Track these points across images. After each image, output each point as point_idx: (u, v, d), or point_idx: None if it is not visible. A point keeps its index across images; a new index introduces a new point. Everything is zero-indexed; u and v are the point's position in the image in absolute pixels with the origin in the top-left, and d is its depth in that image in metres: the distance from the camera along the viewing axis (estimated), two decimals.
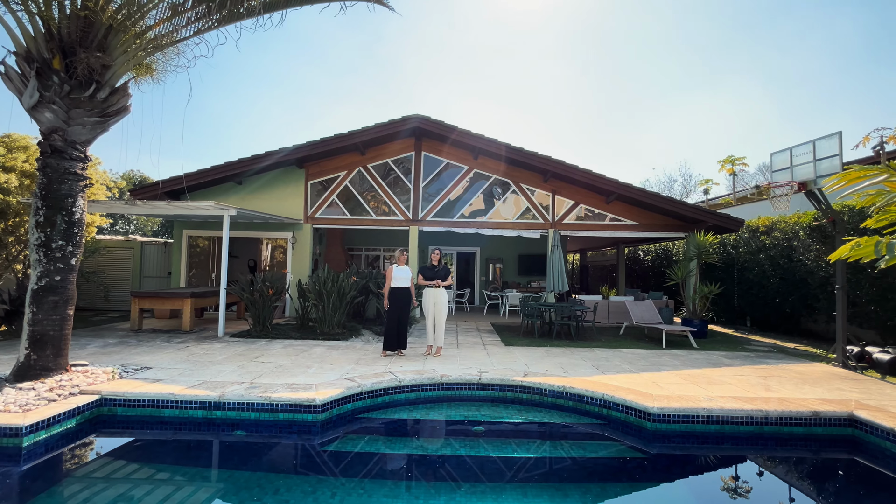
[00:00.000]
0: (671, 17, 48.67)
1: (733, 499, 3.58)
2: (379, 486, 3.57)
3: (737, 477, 3.87)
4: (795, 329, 10.19)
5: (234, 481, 3.52)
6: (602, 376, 5.53)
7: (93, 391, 4.33)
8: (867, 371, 6.29)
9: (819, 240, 8.83)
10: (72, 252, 4.74)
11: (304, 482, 3.55)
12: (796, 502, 3.50)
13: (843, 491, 3.62)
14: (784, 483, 3.82)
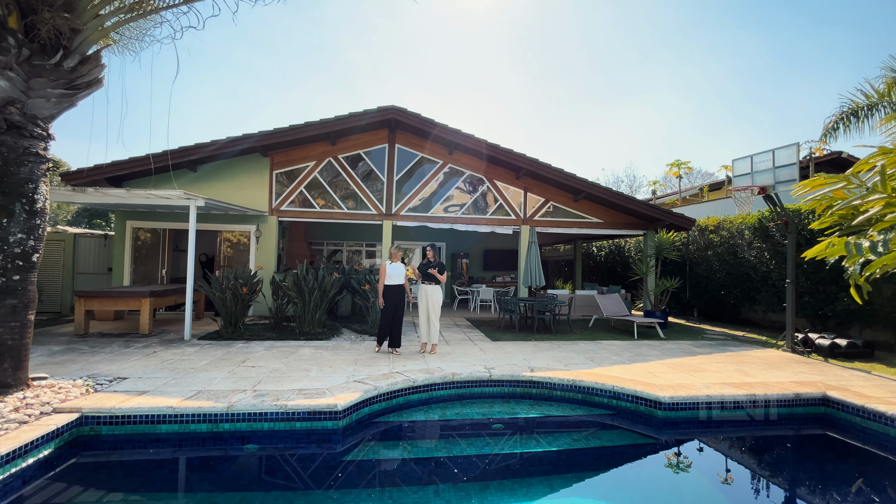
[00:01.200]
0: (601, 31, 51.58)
1: (738, 472, 3.91)
2: (407, 494, 3.45)
3: (737, 454, 4.23)
4: (736, 318, 11.33)
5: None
6: (600, 368, 5.77)
7: (69, 408, 3.74)
8: (812, 354, 7.15)
9: (762, 238, 9.87)
10: (33, 247, 4.03)
11: (326, 497, 3.30)
12: (786, 472, 3.90)
13: (822, 460, 4.10)
14: (776, 456, 4.24)
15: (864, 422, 4.38)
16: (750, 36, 46.15)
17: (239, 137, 9.51)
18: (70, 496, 3.13)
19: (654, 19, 49.06)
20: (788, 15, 43.13)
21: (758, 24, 45.49)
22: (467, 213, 11.34)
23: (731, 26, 46.93)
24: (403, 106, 10.00)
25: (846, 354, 6.94)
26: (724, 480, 3.79)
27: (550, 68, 58.19)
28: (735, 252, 10.65)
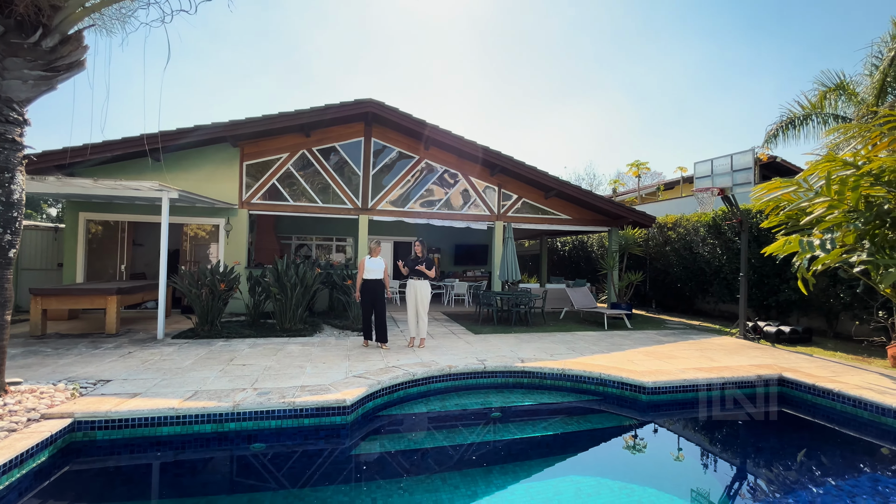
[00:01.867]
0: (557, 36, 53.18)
1: (713, 445, 4.36)
2: (416, 483, 3.57)
3: (712, 431, 4.70)
4: (691, 309, 12.28)
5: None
6: (584, 358, 6.13)
7: (60, 414, 3.51)
8: (761, 341, 7.94)
9: (715, 235, 10.75)
10: (10, 242, 3.72)
11: (337, 492, 3.34)
12: (753, 443, 4.39)
13: (781, 432, 4.64)
14: (744, 430, 4.74)
15: (814, 398, 4.99)
16: (694, 43, 49.25)
17: (208, 126, 9.06)
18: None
19: (607, 22, 51.14)
20: (726, 25, 46.44)
21: (700, 32, 48.61)
22: (443, 209, 11.46)
23: (676, 33, 49.85)
24: (380, 100, 9.93)
25: (789, 340, 7.77)
26: (703, 453, 4.21)
27: (512, 65, 59.19)
28: (691, 248, 11.52)
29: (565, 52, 55.65)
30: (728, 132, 53.44)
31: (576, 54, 55.91)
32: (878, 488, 3.50)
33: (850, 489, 3.46)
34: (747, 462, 4.09)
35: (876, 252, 5.59)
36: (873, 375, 5.48)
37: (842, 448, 4.25)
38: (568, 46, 54.59)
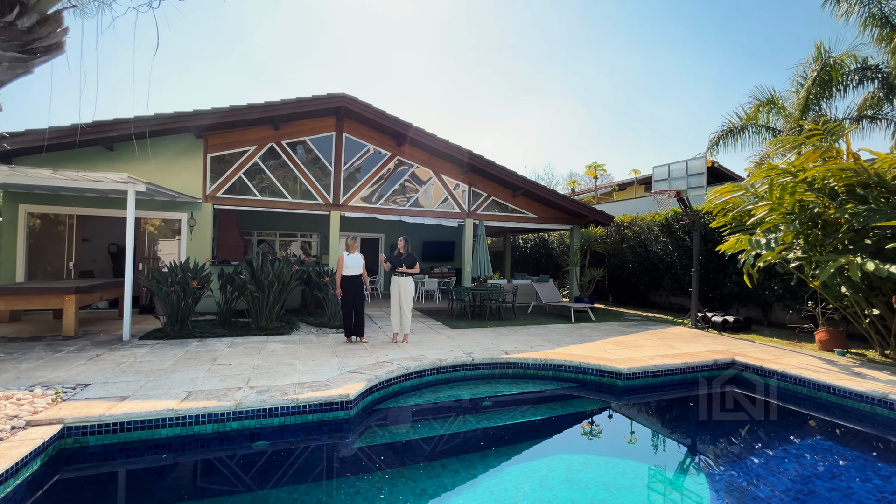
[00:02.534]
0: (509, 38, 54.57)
1: (681, 421, 4.86)
2: (417, 470, 3.73)
3: (680, 409, 5.22)
4: (644, 302, 13.22)
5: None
6: (560, 348, 6.52)
7: (48, 420, 3.31)
8: (709, 329, 8.78)
9: (667, 234, 11.65)
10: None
11: (344, 484, 3.42)
12: (713, 417, 4.94)
13: (735, 406, 5.24)
14: (704, 407, 5.30)
15: (761, 378, 5.66)
16: (636, 50, 52.30)
17: (171, 115, 8.57)
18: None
19: (559, 26, 53.04)
20: (667, 35, 49.76)
21: (642, 40, 51.72)
22: (415, 206, 11.54)
23: (622, 40, 52.70)
24: (353, 95, 9.84)
25: (733, 328, 8.65)
26: (674, 428, 4.69)
27: (467, 65, 59.84)
28: (646, 245, 12.40)
29: (519, 53, 57.06)
30: (670, 135, 57.34)
31: (530, 56, 57.51)
32: (817, 449, 4.10)
33: (795, 452, 4.02)
34: (710, 433, 4.60)
35: (809, 249, 6.40)
36: (806, 357, 6.28)
37: (786, 418, 4.88)
38: (522, 48, 56.00)
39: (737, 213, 7.55)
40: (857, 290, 6.16)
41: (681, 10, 44.53)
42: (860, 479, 3.57)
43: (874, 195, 5.97)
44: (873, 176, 5.93)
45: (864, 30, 11.42)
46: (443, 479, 3.63)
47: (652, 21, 48.05)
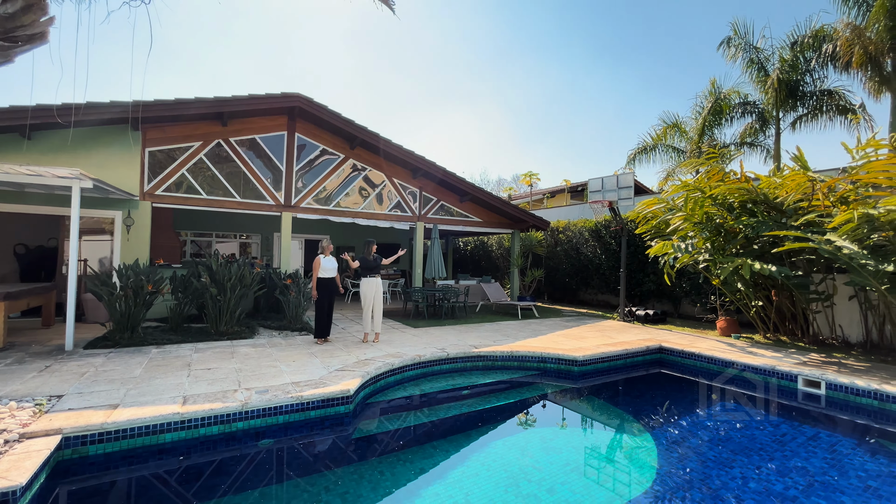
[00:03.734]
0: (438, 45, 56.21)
1: (626, 395, 5.76)
2: (413, 454, 4.14)
3: (625, 387, 6.15)
4: (575, 299, 14.64)
5: (280, 495, 3.26)
6: (519, 342, 7.22)
7: (45, 431, 3.15)
8: (635, 322, 10.13)
9: (595, 239, 13.08)
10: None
11: (348, 471, 3.69)
12: (650, 390, 5.94)
13: (663, 383, 6.32)
14: (641, 383, 6.30)
15: (682, 360, 6.84)
16: (554, 66, 56.57)
17: (105, 104, 7.87)
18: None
19: (482, 38, 55.52)
20: (579, 54, 54.51)
21: (555, 59, 56.09)
22: (368, 209, 11.68)
23: (537, 57, 56.63)
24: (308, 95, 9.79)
25: (652, 320, 10.08)
26: (622, 401, 5.56)
27: (394, 70, 60.04)
28: (577, 249, 13.78)
29: (446, 62, 58.58)
30: (584, 146, 62.61)
31: (456, 65, 59.27)
32: (728, 409, 5.18)
33: (713, 411, 5.06)
34: (649, 403, 5.54)
35: (714, 253, 7.81)
36: (712, 342, 7.66)
37: (703, 387, 6.01)
38: (446, 58, 57.61)
39: (657, 223, 8.89)
40: (748, 286, 7.66)
41: (594, 34, 49.03)
42: (759, 429, 4.65)
43: (760, 210, 7.49)
44: (759, 195, 7.44)
45: (746, 71, 13.85)
46: (436, 458, 4.06)
47: (568, 42, 52.26)
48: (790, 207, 7.15)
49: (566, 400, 5.70)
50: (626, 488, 3.49)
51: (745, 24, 13.44)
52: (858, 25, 11.36)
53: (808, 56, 12.70)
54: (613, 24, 48.53)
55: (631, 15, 46.92)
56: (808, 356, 6.60)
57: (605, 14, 46.94)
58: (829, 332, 7.78)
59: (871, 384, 5.04)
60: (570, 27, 50.33)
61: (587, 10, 46.71)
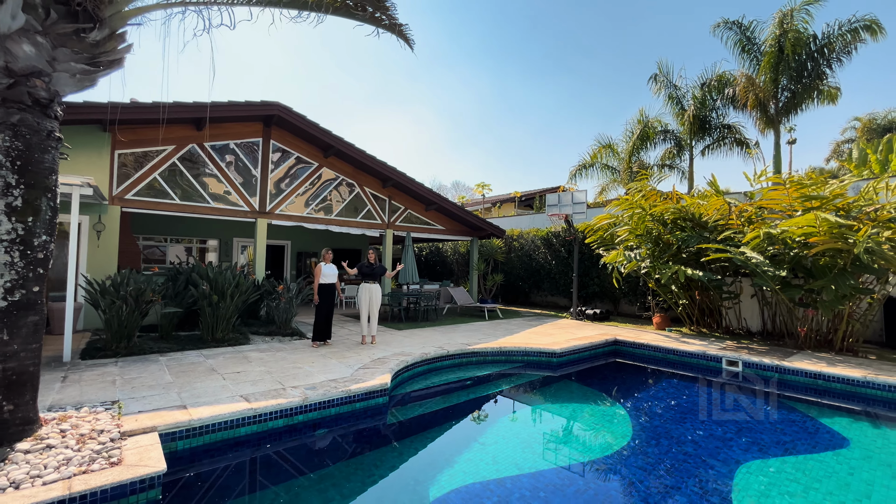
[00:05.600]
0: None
1: (594, 378, 6.95)
2: (439, 432, 4.96)
3: (592, 371, 7.35)
4: (527, 301, 16.04)
5: (339, 474, 3.84)
6: (501, 339, 8.17)
7: (142, 429, 3.42)
8: (585, 320, 11.61)
9: (547, 247, 14.56)
10: (52, 252, 3.34)
11: (390, 448, 4.39)
12: (611, 376, 7.20)
13: (620, 368, 7.64)
14: (605, 368, 7.55)
15: (633, 349, 8.26)
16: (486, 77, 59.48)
17: (76, 104, 7.56)
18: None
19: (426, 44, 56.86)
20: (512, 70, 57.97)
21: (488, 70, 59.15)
22: (340, 216, 12.00)
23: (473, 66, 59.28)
24: (288, 105, 10.01)
25: (599, 318, 11.63)
26: (592, 382, 6.73)
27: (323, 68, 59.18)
28: (530, 255, 15.17)
29: (382, 63, 58.96)
30: (515, 155, 66.25)
31: (392, 68, 59.87)
32: (672, 384, 6.54)
33: (660, 386, 6.38)
34: (614, 383, 6.76)
35: (653, 261, 9.41)
36: (652, 335, 9.23)
37: (652, 369, 7.40)
38: (387, 57, 58.05)
39: (604, 234, 10.42)
40: (680, 288, 9.36)
41: (526, 49, 52.37)
42: (698, 396, 6.03)
43: (689, 226, 9.22)
44: (689, 213, 9.16)
45: (667, 103, 16.26)
46: (460, 434, 4.89)
47: (503, 54, 55.24)
48: (711, 225, 8.92)
49: (551, 384, 6.74)
50: (615, 439, 4.56)
51: (667, 64, 15.86)
52: (751, 76, 14.05)
53: (713, 96, 15.33)
54: (542, 44, 52.23)
55: (563, 37, 50.89)
56: (726, 343, 8.33)
57: (535, 34, 50.40)
58: (736, 323, 9.73)
59: (774, 361, 6.70)
60: (504, 42, 53.29)
61: (523, 29, 49.83)
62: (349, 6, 5.00)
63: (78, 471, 2.77)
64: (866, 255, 6.21)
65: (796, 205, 7.53)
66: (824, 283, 6.89)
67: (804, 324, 8.08)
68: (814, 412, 5.36)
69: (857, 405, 5.57)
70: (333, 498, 3.38)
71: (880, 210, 7.09)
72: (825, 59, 13.34)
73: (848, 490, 3.45)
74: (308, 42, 54.55)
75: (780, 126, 14.65)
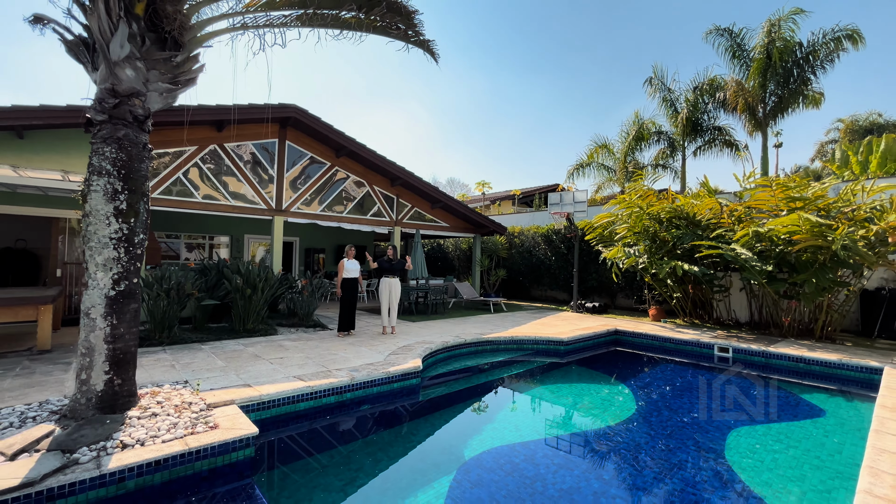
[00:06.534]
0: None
1: (598, 363, 7.58)
2: (466, 406, 5.56)
3: (596, 359, 7.99)
4: (527, 296, 16.69)
5: (383, 440, 4.61)
6: (511, 330, 8.78)
7: (223, 402, 3.95)
8: (584, 313, 12.28)
9: (547, 243, 15.20)
10: (145, 248, 3.84)
11: (424, 421, 5.02)
12: (614, 362, 7.85)
13: (622, 355, 8.29)
14: (608, 355, 8.18)
15: (633, 338, 8.92)
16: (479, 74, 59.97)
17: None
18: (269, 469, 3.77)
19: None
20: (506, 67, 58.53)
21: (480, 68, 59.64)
22: (351, 213, 12.48)
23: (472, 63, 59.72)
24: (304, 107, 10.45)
25: (598, 311, 12.31)
26: (597, 367, 7.37)
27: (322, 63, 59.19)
28: (530, 251, 15.81)
29: (377, 59, 59.13)
30: (506, 152, 66.94)
31: (385, 64, 60.07)
32: (670, 369, 7.20)
33: (658, 369, 7.03)
34: (616, 367, 7.41)
35: (650, 257, 10.07)
36: (650, 325, 9.91)
37: (650, 356, 8.06)
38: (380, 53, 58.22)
39: (603, 231, 11.07)
40: (675, 282, 10.04)
41: (522, 48, 52.92)
42: (693, 378, 6.68)
43: (683, 224, 9.89)
44: (683, 213, 9.83)
45: (661, 106, 16.95)
46: (485, 408, 5.49)
47: (496, 52, 55.74)
48: (704, 223, 9.61)
49: (560, 368, 7.36)
50: (622, 411, 5.20)
51: (662, 68, 16.52)
52: (741, 81, 14.78)
53: (705, 100, 16.05)
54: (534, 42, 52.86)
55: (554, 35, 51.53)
56: (717, 332, 9.03)
57: (527, 32, 50.95)
58: (726, 315, 10.46)
59: (760, 347, 7.40)
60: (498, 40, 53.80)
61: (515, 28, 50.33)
62: (386, 25, 5.50)
63: (186, 432, 3.30)
64: (844, 252, 6.91)
65: (782, 205, 8.22)
66: (806, 276, 7.59)
67: (788, 314, 8.81)
68: (795, 390, 6.05)
69: (834, 384, 6.28)
70: (382, 459, 3.96)
71: (857, 210, 7.80)
72: (810, 66, 14.11)
73: (823, 448, 4.11)
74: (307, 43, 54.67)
75: (768, 129, 15.42)
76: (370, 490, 3.42)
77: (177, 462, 3.05)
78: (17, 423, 3.34)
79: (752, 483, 3.48)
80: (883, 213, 7.46)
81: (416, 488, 3.53)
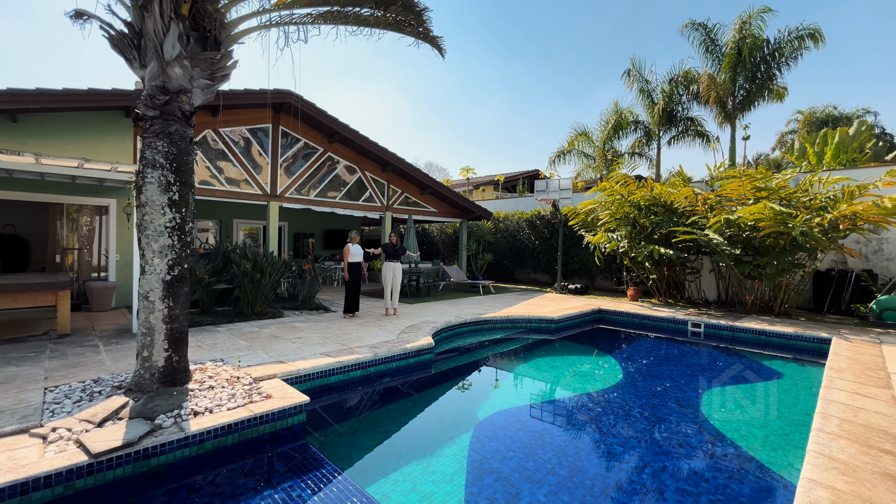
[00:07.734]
0: None
1: (584, 339, 8.31)
2: (475, 378, 6.13)
3: (584, 336, 8.72)
4: (511, 278, 17.40)
5: (404, 407, 5.17)
6: (505, 310, 9.39)
7: (267, 376, 4.34)
8: (567, 294, 13.06)
9: (530, 228, 15.86)
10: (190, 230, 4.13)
11: (437, 390, 5.54)
12: (599, 337, 8.61)
13: (606, 332, 9.06)
14: (592, 332, 8.93)
15: (615, 317, 9.72)
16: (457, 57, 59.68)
17: (102, 92, 7.90)
18: (318, 430, 4.24)
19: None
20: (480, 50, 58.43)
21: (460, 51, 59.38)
22: (343, 199, 12.69)
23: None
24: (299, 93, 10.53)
25: (580, 292, 13.11)
26: (583, 342, 8.09)
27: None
28: (514, 236, 16.45)
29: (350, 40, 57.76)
30: (480, 136, 67.29)
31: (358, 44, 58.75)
32: (650, 343, 7.99)
33: (639, 344, 7.82)
34: (601, 342, 8.15)
35: (630, 241, 10.85)
36: (629, 305, 10.74)
37: (631, 332, 8.86)
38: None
39: (587, 218, 11.77)
40: (652, 264, 10.88)
41: (499, 32, 52.84)
42: (670, 350, 7.48)
43: (661, 211, 10.68)
44: (661, 200, 10.61)
45: (639, 96, 17.69)
46: (492, 377, 6.07)
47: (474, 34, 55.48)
48: (681, 211, 10.41)
49: (553, 343, 8.04)
50: (610, 378, 5.90)
51: (640, 60, 17.20)
52: (713, 75, 15.63)
53: (680, 91, 16.88)
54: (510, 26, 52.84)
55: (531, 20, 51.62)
56: (689, 310, 9.94)
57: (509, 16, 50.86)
58: (697, 294, 11.43)
59: (728, 322, 8.29)
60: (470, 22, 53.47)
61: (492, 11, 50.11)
62: (399, 22, 5.78)
63: (246, 401, 3.70)
64: (802, 237, 7.79)
65: (749, 195, 9.07)
66: (768, 259, 8.50)
67: (751, 293, 9.79)
68: (758, 358, 6.92)
69: (790, 353, 7.20)
70: (406, 422, 4.49)
71: (813, 200, 8.72)
72: (776, 62, 15.09)
73: (781, 402, 4.90)
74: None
75: (736, 121, 16.44)
76: (401, 447, 3.94)
77: (244, 426, 3.45)
78: (87, 398, 3.64)
79: (725, 430, 4.20)
80: (836, 203, 8.39)
81: (442, 443, 4.06)
